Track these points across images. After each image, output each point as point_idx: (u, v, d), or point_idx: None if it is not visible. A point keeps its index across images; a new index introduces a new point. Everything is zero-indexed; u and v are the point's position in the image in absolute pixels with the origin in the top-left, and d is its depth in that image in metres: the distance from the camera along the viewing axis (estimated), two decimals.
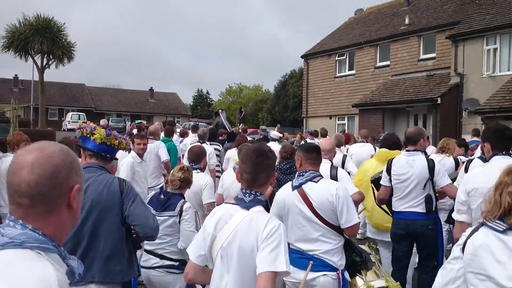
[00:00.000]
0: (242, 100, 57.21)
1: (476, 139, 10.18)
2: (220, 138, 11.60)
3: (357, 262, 3.72)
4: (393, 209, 5.04)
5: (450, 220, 4.88)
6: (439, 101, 18.57)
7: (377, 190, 5.24)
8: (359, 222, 3.64)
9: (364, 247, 4.28)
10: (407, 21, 22.94)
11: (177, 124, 30.18)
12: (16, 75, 50.39)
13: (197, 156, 5.40)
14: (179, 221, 4.14)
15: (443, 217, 5.69)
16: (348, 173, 5.58)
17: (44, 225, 1.38)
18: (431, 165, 4.83)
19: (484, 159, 5.52)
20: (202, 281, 2.87)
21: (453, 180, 5.17)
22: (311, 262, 3.14)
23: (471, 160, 6.16)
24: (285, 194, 3.72)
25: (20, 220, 1.36)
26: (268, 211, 2.83)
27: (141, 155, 6.59)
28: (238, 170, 2.72)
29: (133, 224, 3.39)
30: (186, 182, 4.37)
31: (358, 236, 7.84)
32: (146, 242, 4.13)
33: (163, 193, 4.35)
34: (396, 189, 4.96)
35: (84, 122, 3.67)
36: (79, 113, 44.85)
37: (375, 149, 8.35)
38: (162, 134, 9.71)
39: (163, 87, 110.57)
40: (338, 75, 26.30)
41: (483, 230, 2.18)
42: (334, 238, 3.57)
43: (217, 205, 4.85)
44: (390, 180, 4.98)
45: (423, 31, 21.79)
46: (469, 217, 3.57)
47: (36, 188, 1.36)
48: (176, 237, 4.16)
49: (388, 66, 23.37)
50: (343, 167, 6.45)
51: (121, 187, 3.39)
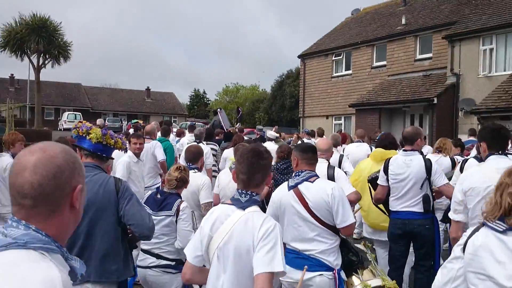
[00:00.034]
0: (239, 100, 57.11)
1: (472, 138, 10.21)
2: (217, 138, 11.58)
3: (353, 262, 3.73)
4: (390, 208, 5.05)
5: (445, 219, 4.89)
6: (435, 101, 18.61)
7: (374, 190, 5.25)
8: (354, 222, 3.65)
9: (360, 246, 4.28)
10: (403, 21, 22.98)
11: (173, 123, 30.15)
12: (12, 74, 50.35)
13: (195, 156, 5.40)
14: (176, 221, 4.14)
15: (439, 217, 5.70)
16: (345, 173, 5.59)
17: (47, 226, 1.37)
18: (428, 165, 4.84)
19: (479, 159, 5.53)
20: (200, 281, 2.86)
21: (448, 180, 5.18)
22: (305, 267, 3.14)
23: (466, 160, 6.18)
24: (281, 194, 3.72)
25: (23, 221, 1.35)
26: (264, 211, 2.83)
27: (137, 155, 6.59)
28: (235, 170, 2.73)
29: (128, 224, 3.39)
30: (183, 181, 4.37)
31: (354, 235, 7.84)
32: (142, 241, 4.13)
33: (159, 193, 4.35)
34: (393, 189, 4.96)
35: (80, 122, 3.67)
36: (75, 112, 44.77)
37: (371, 149, 8.35)
38: (159, 134, 9.70)
39: (159, 86, 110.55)
40: (335, 75, 26.33)
41: (483, 230, 2.19)
42: (330, 238, 3.57)
43: (213, 204, 4.85)
44: (387, 179, 4.99)
45: (419, 31, 21.83)
46: (465, 217, 3.58)
47: (39, 189, 1.35)
48: (173, 236, 4.15)
49: (384, 66, 23.41)
50: (339, 167, 6.45)
51: (117, 186, 3.39)
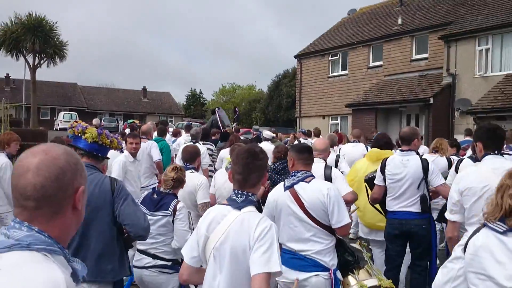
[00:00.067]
0: (236, 99, 57.14)
1: (468, 138, 10.23)
2: (213, 137, 11.58)
3: (349, 262, 3.73)
4: (387, 208, 5.05)
5: (440, 219, 4.90)
6: (431, 101, 18.65)
7: (371, 190, 5.25)
8: (350, 222, 3.65)
9: (356, 245, 4.29)
10: (400, 21, 23.02)
11: (170, 123, 30.09)
12: (8, 74, 50.19)
13: (192, 156, 5.39)
14: (173, 221, 4.13)
15: (434, 216, 5.70)
16: (342, 172, 5.59)
17: (49, 227, 1.37)
18: (425, 165, 4.84)
19: (474, 159, 5.55)
20: (197, 282, 2.86)
21: None
22: (296, 280, 3.13)
23: (461, 160, 6.19)
24: (278, 194, 3.72)
25: (26, 222, 1.35)
26: (260, 212, 2.83)
27: (134, 155, 6.58)
28: (231, 170, 2.73)
29: (123, 224, 3.39)
30: (179, 182, 4.37)
31: (350, 235, 7.85)
32: (138, 241, 4.12)
33: (156, 193, 4.35)
34: (390, 189, 4.97)
35: (76, 122, 3.66)
36: (71, 112, 44.72)
37: (367, 148, 8.36)
38: (155, 134, 9.69)
39: (156, 86, 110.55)
40: (331, 75, 26.35)
41: (484, 231, 2.21)
42: (326, 238, 3.58)
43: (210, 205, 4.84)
44: (384, 179, 4.99)
45: (415, 31, 21.88)
46: (461, 217, 3.58)
47: (41, 191, 1.35)
48: (169, 236, 4.15)
49: (381, 66, 23.45)
50: (336, 167, 6.46)
51: (112, 186, 3.39)
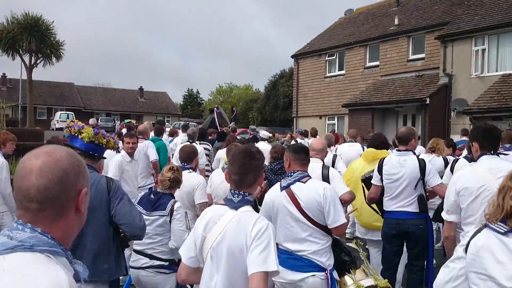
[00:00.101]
0: (233, 99, 57.09)
1: (465, 138, 10.27)
2: (210, 137, 11.57)
3: (346, 262, 3.73)
4: (384, 208, 5.06)
5: (435, 218, 4.92)
6: (428, 101, 18.69)
7: (368, 189, 5.25)
8: (346, 222, 3.66)
9: (352, 245, 4.30)
10: (396, 21, 23.06)
11: (166, 123, 30.06)
12: (4, 73, 49.98)
13: (189, 156, 5.39)
14: (170, 221, 4.13)
15: (430, 216, 5.71)
16: (339, 172, 5.59)
17: (53, 229, 1.38)
18: (422, 165, 4.85)
19: (470, 159, 5.56)
20: (195, 282, 2.86)
21: None
22: None
23: (456, 160, 6.21)
24: (274, 195, 3.72)
25: (29, 224, 1.35)
26: (257, 211, 2.83)
27: (131, 154, 6.58)
28: (227, 171, 2.73)
29: (119, 223, 3.39)
30: (176, 182, 4.36)
31: (347, 235, 7.87)
32: (135, 242, 4.12)
33: (153, 193, 4.34)
34: (387, 189, 4.97)
35: (72, 121, 3.67)
36: (67, 112, 44.61)
37: (363, 148, 8.38)
38: (152, 134, 9.68)
39: (153, 86, 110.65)
40: (328, 75, 26.38)
41: (485, 231, 2.24)
42: (322, 238, 3.58)
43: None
44: (381, 179, 5.00)
45: (412, 31, 21.91)
46: (458, 217, 3.59)
47: (45, 193, 1.35)
48: (166, 236, 4.14)
49: (377, 66, 23.48)
50: (333, 166, 6.47)
51: (108, 185, 3.40)
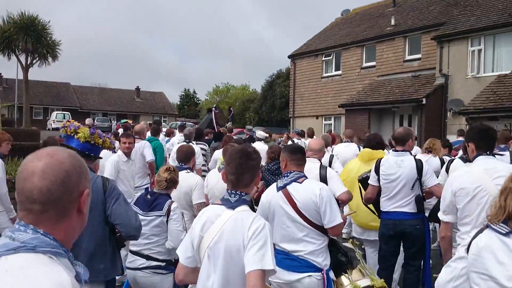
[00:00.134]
0: (229, 99, 57.05)
1: (461, 139, 10.27)
2: (206, 137, 11.57)
3: (342, 262, 3.74)
4: (381, 209, 5.06)
5: (431, 218, 4.93)
6: (424, 101, 18.72)
7: (365, 190, 5.26)
8: (342, 222, 3.66)
9: (348, 244, 4.30)
10: (393, 22, 23.09)
11: (163, 123, 30.00)
12: (0, 73, 49.83)
13: (186, 156, 5.38)
14: (167, 221, 4.12)
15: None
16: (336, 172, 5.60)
17: (55, 231, 1.38)
18: (419, 166, 4.86)
19: (465, 159, 5.58)
20: (193, 282, 2.86)
21: None
22: None
23: (452, 160, 6.23)
24: (271, 195, 3.73)
25: (31, 225, 1.35)
26: (254, 212, 2.83)
27: (127, 154, 6.57)
28: (224, 171, 2.74)
29: (115, 223, 3.39)
30: (173, 182, 4.36)
31: (343, 235, 7.87)
32: (132, 242, 4.11)
33: (149, 194, 4.34)
34: (384, 189, 4.98)
35: (68, 121, 3.66)
36: (64, 112, 44.50)
37: (359, 149, 8.38)
38: (149, 133, 9.67)
39: (149, 86, 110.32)
40: (325, 75, 26.39)
41: (487, 232, 2.25)
42: (318, 238, 3.59)
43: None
44: (379, 180, 5.00)
45: (408, 32, 21.95)
46: (454, 217, 3.61)
47: (47, 194, 1.35)
48: (163, 237, 4.14)
49: (374, 66, 23.51)
50: (330, 167, 6.47)
51: (104, 185, 3.39)
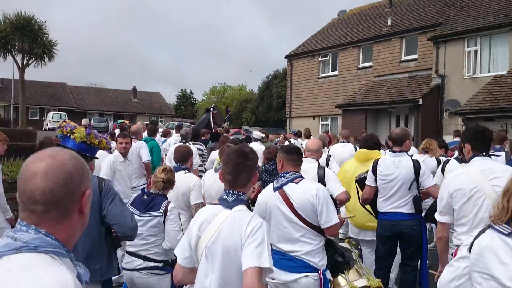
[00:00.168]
0: (226, 100, 56.97)
1: (457, 139, 10.31)
2: (203, 138, 11.55)
3: (339, 262, 3.75)
4: (378, 209, 5.06)
5: (426, 218, 4.94)
6: (420, 102, 18.77)
7: (362, 190, 5.26)
8: (339, 223, 3.66)
9: (344, 244, 4.30)
10: (389, 22, 23.14)
11: (160, 123, 29.96)
12: None
13: (184, 156, 5.37)
14: (164, 221, 4.12)
15: None
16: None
17: (57, 231, 1.39)
18: (416, 166, 4.86)
19: (460, 160, 5.59)
20: (191, 282, 2.86)
21: None
22: None
23: (447, 161, 6.24)
24: (267, 195, 3.73)
25: (33, 225, 1.36)
26: (250, 211, 2.83)
27: (124, 154, 6.55)
28: (221, 171, 2.74)
29: (111, 223, 3.39)
30: (169, 183, 4.36)
31: (340, 235, 7.88)
32: (129, 243, 4.11)
33: (146, 194, 4.34)
34: (381, 190, 4.98)
35: (64, 121, 3.65)
36: (60, 112, 44.35)
37: (356, 149, 8.39)
38: (145, 134, 9.65)
39: (146, 86, 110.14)
40: (322, 75, 26.43)
41: (489, 232, 2.27)
42: (315, 238, 3.59)
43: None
44: (376, 180, 5.01)
45: (405, 32, 22.00)
46: (451, 218, 3.60)
47: (50, 195, 1.36)
48: (160, 237, 4.13)
49: (370, 67, 23.56)
50: (327, 167, 6.47)
51: (100, 186, 3.39)
